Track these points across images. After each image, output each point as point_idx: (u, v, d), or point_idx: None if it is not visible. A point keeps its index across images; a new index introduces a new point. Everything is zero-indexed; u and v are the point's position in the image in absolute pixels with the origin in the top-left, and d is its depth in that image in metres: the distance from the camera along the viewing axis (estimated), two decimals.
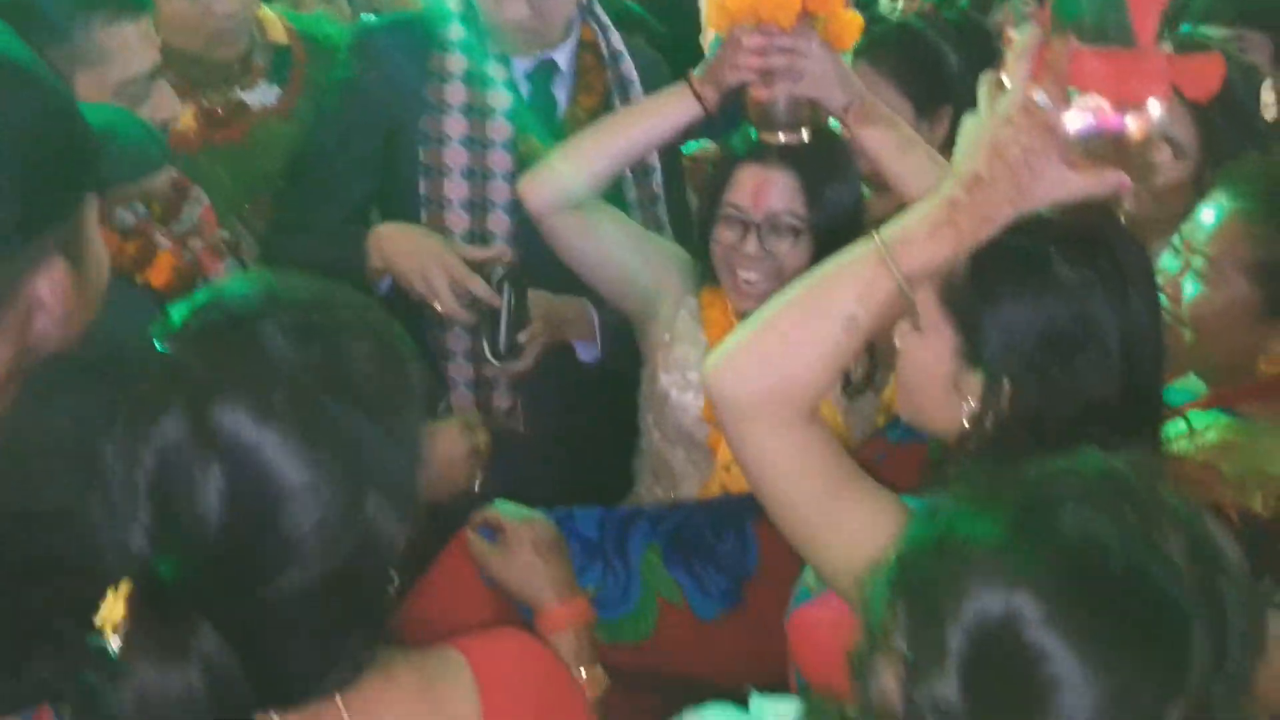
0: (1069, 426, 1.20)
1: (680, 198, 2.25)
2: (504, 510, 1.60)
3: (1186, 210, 1.72)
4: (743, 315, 1.87)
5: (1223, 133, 1.99)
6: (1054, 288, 1.22)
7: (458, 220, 2.08)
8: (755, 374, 1.23)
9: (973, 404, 1.25)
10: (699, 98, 1.76)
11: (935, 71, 2.28)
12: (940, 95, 2.23)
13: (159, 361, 0.98)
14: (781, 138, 1.74)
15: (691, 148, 2.37)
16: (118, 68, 1.49)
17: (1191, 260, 1.66)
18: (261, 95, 2.17)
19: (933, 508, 0.97)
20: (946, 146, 2.13)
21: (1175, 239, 1.70)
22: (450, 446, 1.69)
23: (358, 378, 0.98)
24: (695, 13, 2.68)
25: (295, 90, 2.22)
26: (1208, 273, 1.64)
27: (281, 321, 0.98)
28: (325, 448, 0.95)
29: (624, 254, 1.94)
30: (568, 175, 1.86)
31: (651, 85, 2.08)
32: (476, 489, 1.69)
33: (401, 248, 1.99)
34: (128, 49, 1.50)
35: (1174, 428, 1.52)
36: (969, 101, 1.24)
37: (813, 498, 1.24)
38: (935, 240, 1.18)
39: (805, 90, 1.67)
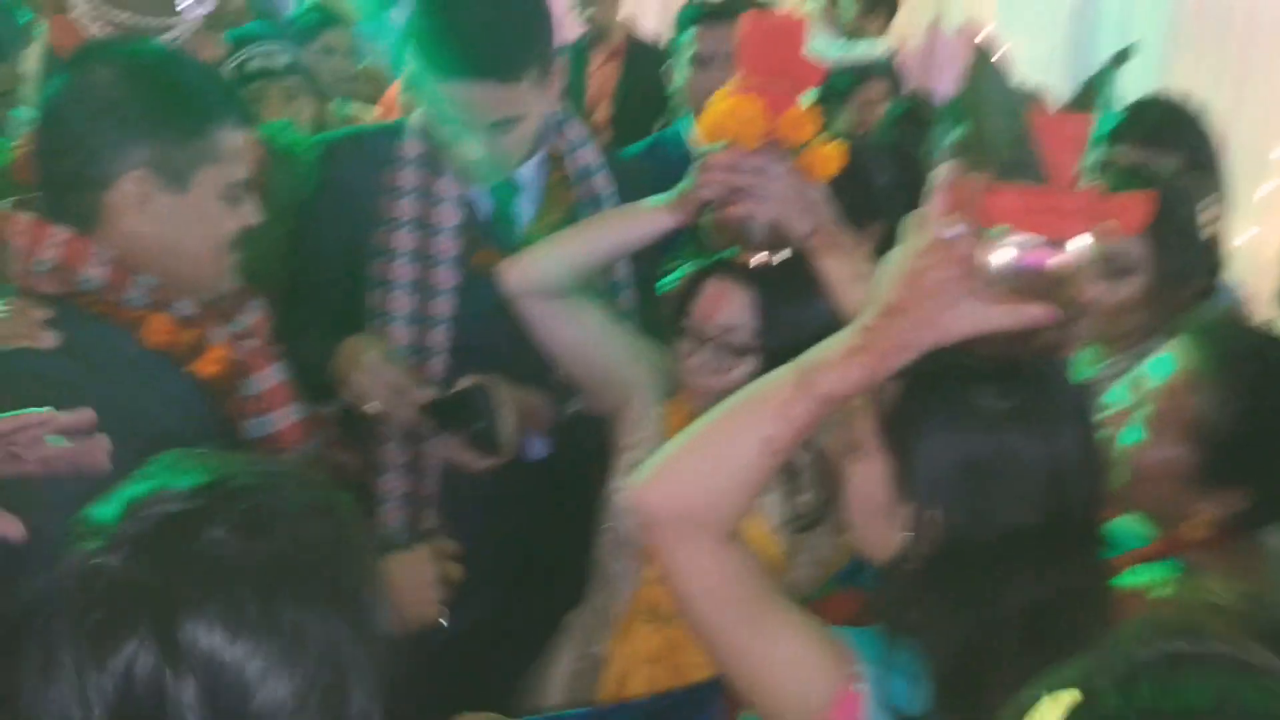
0: (994, 555, 1.23)
1: (654, 314, 2.27)
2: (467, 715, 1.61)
3: (1142, 327, 1.72)
4: None
5: (1174, 247, 2.01)
6: (975, 419, 1.25)
7: (400, 334, 2.10)
8: (673, 489, 1.26)
9: (904, 532, 1.27)
10: (675, 209, 1.81)
11: (864, 188, 2.35)
12: (868, 211, 2.29)
13: (109, 583, 0.91)
14: (756, 259, 1.79)
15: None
16: (231, 170, 1.61)
17: (1140, 405, 1.64)
18: None
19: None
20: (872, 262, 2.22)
21: (1132, 375, 1.71)
22: (417, 575, 1.69)
23: (315, 567, 0.96)
24: None
25: None
26: (1153, 424, 1.61)
27: (229, 517, 0.94)
28: (300, 652, 0.92)
29: (599, 352, 1.96)
30: (540, 266, 1.91)
31: (634, 196, 2.10)
32: (445, 623, 1.69)
33: (342, 362, 2.03)
34: (240, 154, 1.62)
35: (1126, 579, 1.49)
36: (896, 220, 1.29)
37: (735, 619, 1.25)
38: (849, 365, 1.21)
39: (768, 213, 1.71)
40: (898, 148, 2.80)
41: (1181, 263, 2.04)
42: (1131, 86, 5.31)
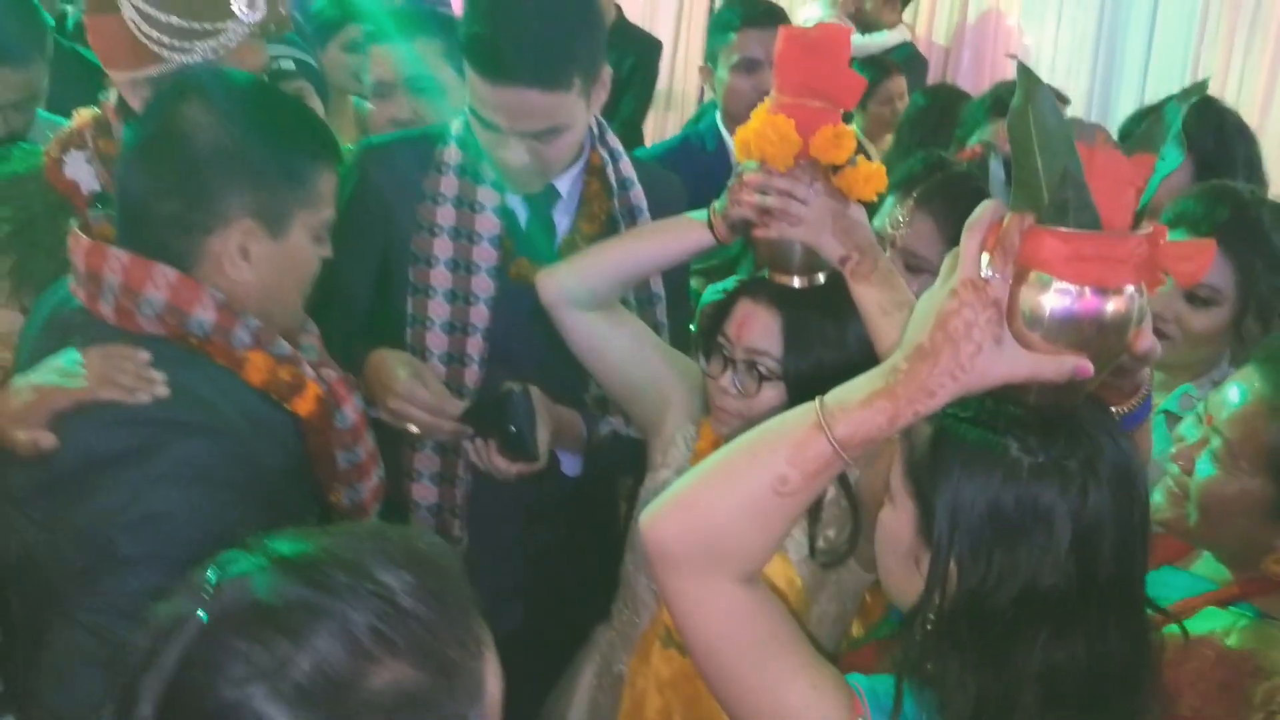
0: (1013, 613, 1.18)
1: (686, 328, 2.26)
2: None
3: (1216, 353, 1.63)
4: None
5: (1262, 277, 1.93)
6: (1000, 469, 1.18)
7: (437, 341, 2.09)
8: (683, 525, 1.21)
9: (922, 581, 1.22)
10: (713, 227, 1.78)
11: None
12: None
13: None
14: (796, 282, 1.74)
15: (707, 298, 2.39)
16: (325, 209, 1.59)
17: (1210, 438, 1.57)
18: None
19: None
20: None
21: (1200, 407, 1.64)
22: None
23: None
24: None
25: None
26: (1223, 457, 1.54)
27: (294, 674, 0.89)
28: None
29: (631, 368, 1.94)
30: (578, 277, 1.89)
31: (667, 209, 2.08)
32: None
33: (372, 377, 2.01)
34: (331, 194, 1.60)
35: (1198, 623, 1.46)
36: None
37: (742, 665, 1.21)
38: (869, 408, 1.14)
39: (801, 236, 1.66)
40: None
41: (1270, 291, 1.95)
42: (1159, 83, 5.26)
